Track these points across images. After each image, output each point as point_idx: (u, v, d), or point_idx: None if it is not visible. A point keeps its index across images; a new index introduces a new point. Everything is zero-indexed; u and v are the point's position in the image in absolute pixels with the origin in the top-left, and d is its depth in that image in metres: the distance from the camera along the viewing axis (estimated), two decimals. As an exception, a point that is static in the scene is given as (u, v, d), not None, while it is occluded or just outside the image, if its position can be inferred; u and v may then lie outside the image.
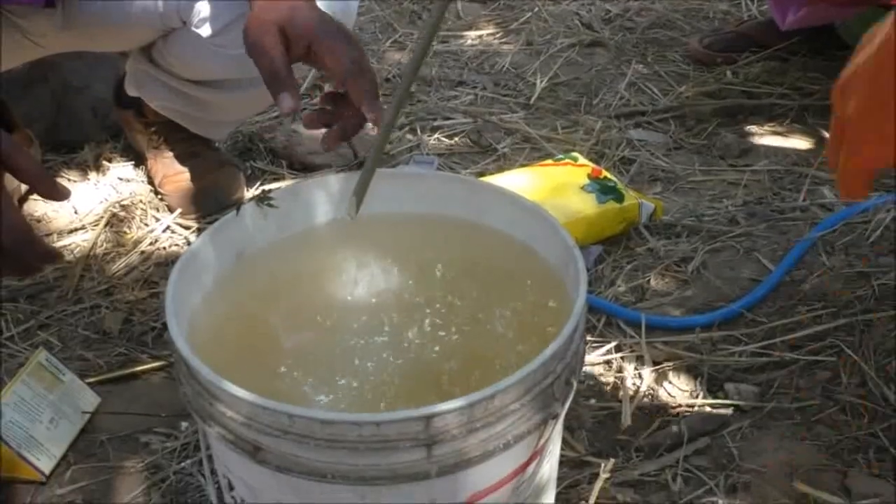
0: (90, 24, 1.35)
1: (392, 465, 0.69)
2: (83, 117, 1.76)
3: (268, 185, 1.65)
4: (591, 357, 1.25)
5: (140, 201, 1.62)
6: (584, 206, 1.45)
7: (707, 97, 1.90)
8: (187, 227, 1.56)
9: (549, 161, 1.60)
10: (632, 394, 1.19)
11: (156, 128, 1.62)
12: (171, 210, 1.59)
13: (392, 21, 2.32)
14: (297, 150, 1.71)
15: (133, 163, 1.72)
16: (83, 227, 1.57)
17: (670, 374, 1.21)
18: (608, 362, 1.25)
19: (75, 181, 1.69)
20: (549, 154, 1.71)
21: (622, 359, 1.24)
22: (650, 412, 1.17)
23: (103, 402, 1.21)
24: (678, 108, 1.86)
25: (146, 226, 1.57)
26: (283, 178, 1.68)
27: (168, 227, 1.56)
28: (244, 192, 1.61)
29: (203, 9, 1.34)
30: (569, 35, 2.20)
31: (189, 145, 1.61)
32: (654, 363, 1.23)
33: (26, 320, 1.37)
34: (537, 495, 0.83)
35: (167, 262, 1.47)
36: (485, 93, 1.98)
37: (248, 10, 1.02)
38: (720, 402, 1.18)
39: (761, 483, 1.07)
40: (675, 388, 1.20)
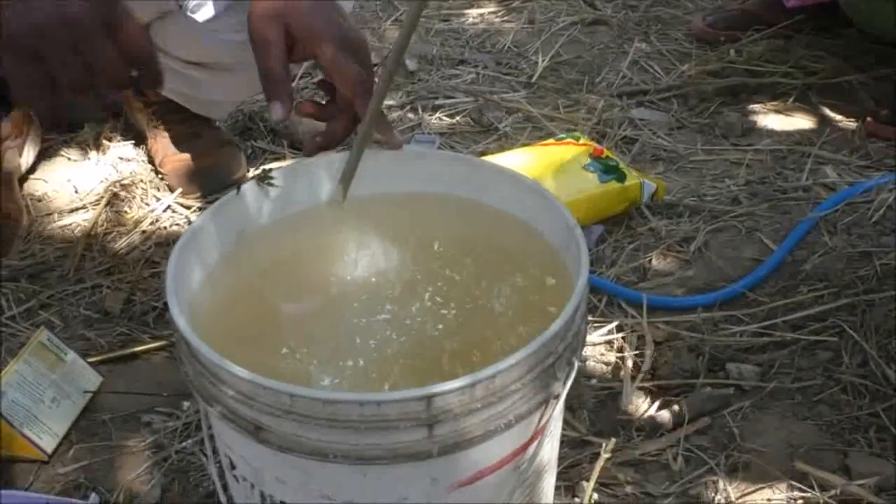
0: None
1: (393, 444, 0.70)
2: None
3: (268, 165, 1.64)
4: (593, 337, 1.25)
5: (141, 181, 1.61)
6: (585, 185, 1.44)
7: (710, 76, 1.89)
8: (188, 207, 1.56)
9: (551, 140, 1.60)
10: (633, 374, 1.19)
11: (156, 107, 1.61)
12: (171, 189, 1.59)
13: (393, -1, 2.31)
14: (297, 129, 1.71)
15: (133, 142, 1.72)
16: (84, 207, 1.57)
17: (671, 354, 1.21)
18: (609, 342, 1.25)
19: (75, 160, 1.68)
20: (551, 133, 1.70)
21: (623, 339, 1.24)
22: (651, 392, 1.17)
23: (105, 382, 1.21)
24: (681, 87, 1.85)
25: (147, 205, 1.56)
26: (283, 157, 1.68)
27: (169, 207, 1.56)
28: (245, 172, 1.60)
29: None
30: (571, 13, 2.19)
31: (189, 125, 1.61)
32: (656, 343, 1.23)
33: (28, 300, 1.37)
34: (538, 475, 0.83)
35: (168, 242, 1.47)
36: (486, 71, 1.97)
37: None
38: (721, 381, 1.18)
39: (762, 463, 1.07)
40: (677, 368, 1.20)
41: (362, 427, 0.68)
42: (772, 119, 1.77)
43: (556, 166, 1.48)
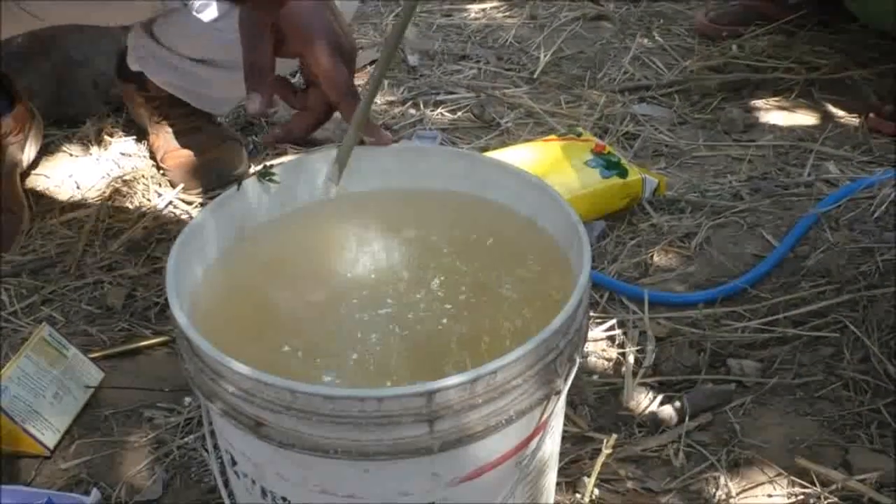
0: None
1: (394, 440, 0.69)
2: (85, 91, 1.75)
3: (269, 160, 1.64)
4: (594, 333, 1.25)
5: (142, 176, 1.61)
6: (587, 181, 1.44)
7: (712, 71, 1.88)
8: (189, 203, 1.56)
9: (553, 136, 1.60)
10: (634, 370, 1.19)
11: (158, 102, 1.61)
12: (173, 185, 1.59)
13: (395, -6, 2.30)
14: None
15: (135, 137, 1.72)
16: (85, 202, 1.57)
17: (673, 350, 1.21)
18: (611, 338, 1.25)
19: (77, 156, 1.68)
20: (553, 129, 1.70)
21: (625, 334, 1.24)
22: (652, 388, 1.17)
23: (107, 378, 1.22)
24: (683, 83, 1.85)
25: (148, 201, 1.56)
26: (284, 152, 1.67)
27: (170, 203, 1.56)
28: (246, 167, 1.60)
29: None
30: (573, 8, 2.18)
31: (191, 120, 1.61)
32: (657, 339, 1.23)
33: (29, 295, 1.37)
34: (540, 471, 0.83)
35: (169, 238, 1.47)
36: (488, 67, 1.96)
37: None
38: (722, 377, 1.18)
39: (763, 458, 1.07)
40: (678, 364, 1.20)
41: (363, 423, 0.68)
42: (774, 115, 1.76)
43: (557, 162, 1.48)
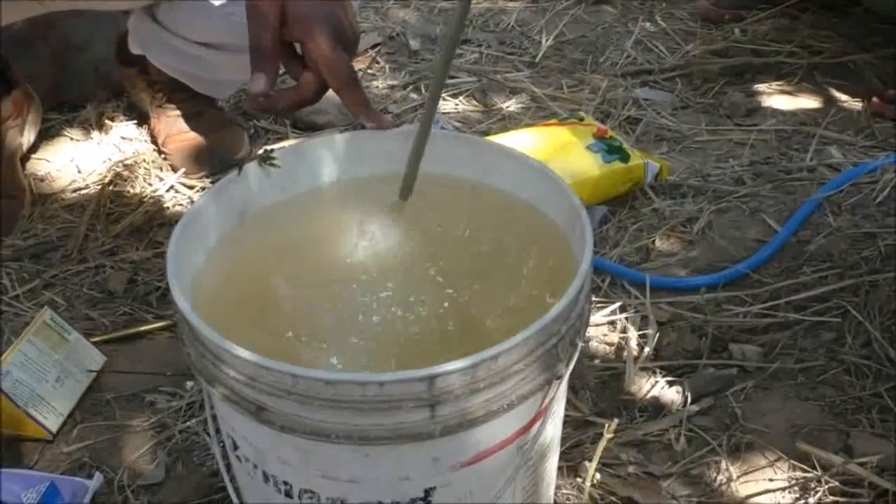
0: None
1: (396, 424, 0.70)
2: (85, 76, 1.75)
3: (270, 145, 1.64)
4: (596, 318, 1.25)
5: (143, 160, 1.61)
6: (589, 165, 1.44)
7: (714, 55, 1.87)
8: (191, 187, 1.56)
9: (555, 120, 1.59)
10: (636, 354, 1.19)
11: (159, 86, 1.61)
12: (174, 169, 1.59)
13: (396, -22, 2.29)
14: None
15: (136, 122, 1.71)
16: (86, 187, 1.57)
17: (674, 335, 1.21)
18: (612, 323, 1.25)
19: (78, 140, 1.68)
20: (555, 113, 1.69)
21: (626, 319, 1.24)
22: (654, 373, 1.17)
23: (109, 362, 1.22)
24: (685, 67, 1.84)
25: (149, 185, 1.56)
26: (286, 137, 1.67)
27: (171, 187, 1.55)
28: (247, 152, 1.60)
29: None
30: (575, -8, 2.17)
31: (193, 104, 1.60)
32: (659, 324, 1.23)
33: (31, 279, 1.37)
34: (541, 455, 0.83)
35: (171, 222, 1.47)
36: (490, 51, 1.96)
37: None
38: (724, 362, 1.18)
39: (764, 443, 1.07)
40: (679, 349, 1.20)
41: (364, 407, 0.68)
42: (776, 99, 1.76)
43: (559, 146, 1.48)
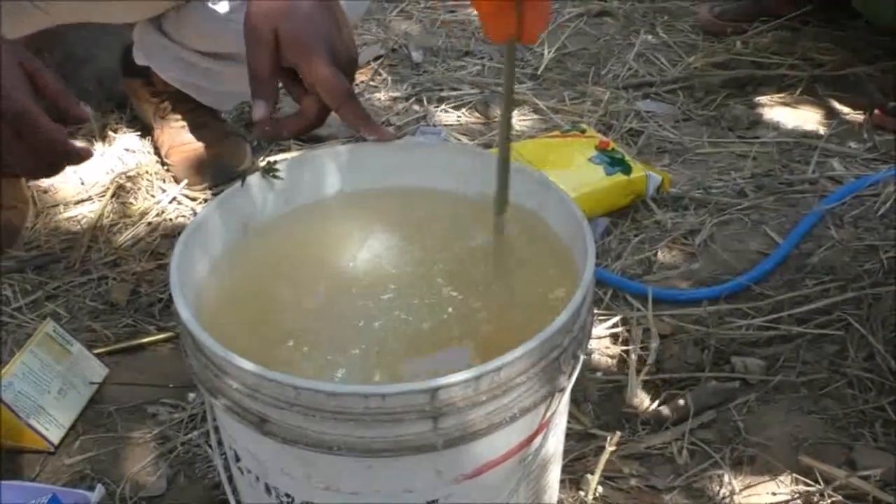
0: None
1: (398, 437, 0.69)
2: (89, 87, 1.75)
3: (273, 157, 1.64)
4: (598, 330, 1.25)
5: (146, 172, 1.61)
6: (591, 178, 1.44)
7: (716, 68, 1.88)
8: (193, 199, 1.56)
9: (557, 132, 1.59)
10: (638, 367, 1.18)
11: (163, 97, 1.61)
12: (177, 181, 1.59)
13: (399, -10, 2.30)
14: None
15: (139, 133, 1.72)
16: (90, 198, 1.57)
17: (677, 348, 1.21)
18: (615, 335, 1.25)
19: (81, 152, 1.68)
20: (557, 125, 1.70)
21: (629, 332, 1.24)
22: (656, 385, 1.17)
23: (111, 373, 1.22)
24: (687, 79, 1.85)
25: (152, 197, 1.57)
26: (288, 149, 1.67)
27: (174, 199, 1.56)
28: (250, 163, 1.60)
29: None
30: (577, 4, 2.18)
31: (196, 115, 1.61)
32: (661, 336, 1.23)
33: (34, 291, 1.38)
34: (543, 468, 0.83)
35: (174, 234, 1.47)
36: (492, 63, 1.96)
37: None
38: (727, 375, 1.18)
39: (767, 456, 1.07)
40: (682, 362, 1.20)
41: (367, 419, 0.68)
42: (778, 111, 1.76)
43: (561, 159, 1.48)
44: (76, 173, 1.62)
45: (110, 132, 1.72)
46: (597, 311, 1.28)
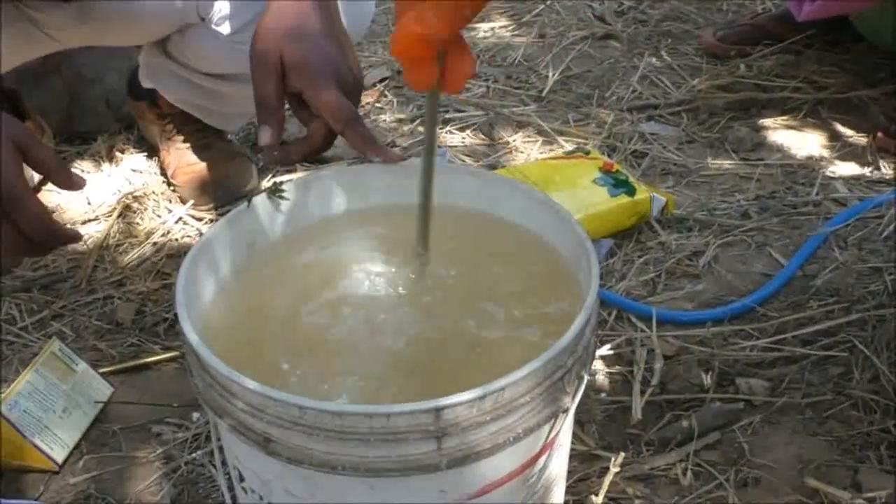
0: (105, 18, 1.36)
1: (402, 456, 0.70)
2: (96, 109, 1.77)
3: (280, 177, 1.65)
4: (602, 351, 1.25)
5: (153, 192, 1.62)
6: (595, 199, 1.44)
7: (720, 90, 1.89)
8: (199, 219, 1.57)
9: (561, 154, 1.60)
10: (642, 388, 1.18)
11: (169, 119, 1.63)
12: (183, 201, 1.60)
13: (404, 13, 2.32)
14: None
15: (146, 154, 1.73)
16: (96, 218, 1.58)
17: (681, 369, 1.21)
18: (619, 356, 1.25)
19: (88, 172, 1.69)
20: (561, 147, 1.70)
21: (633, 353, 1.24)
22: (660, 406, 1.17)
23: (116, 393, 1.22)
24: (691, 102, 1.86)
25: (158, 217, 1.57)
26: (294, 169, 1.68)
27: (180, 219, 1.56)
28: (256, 184, 1.61)
29: (223, 7, 1.34)
30: (581, 27, 2.19)
31: (202, 136, 1.62)
32: (665, 357, 1.23)
33: (40, 310, 1.38)
34: (547, 489, 0.83)
35: (179, 254, 1.48)
36: (497, 85, 1.97)
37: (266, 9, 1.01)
38: (731, 396, 1.18)
39: (772, 478, 1.07)
40: (686, 383, 1.19)
41: (371, 439, 0.68)
42: (782, 134, 1.77)
43: (566, 180, 1.49)
44: (83, 193, 1.63)
45: (117, 153, 1.73)
46: (601, 331, 1.28)
